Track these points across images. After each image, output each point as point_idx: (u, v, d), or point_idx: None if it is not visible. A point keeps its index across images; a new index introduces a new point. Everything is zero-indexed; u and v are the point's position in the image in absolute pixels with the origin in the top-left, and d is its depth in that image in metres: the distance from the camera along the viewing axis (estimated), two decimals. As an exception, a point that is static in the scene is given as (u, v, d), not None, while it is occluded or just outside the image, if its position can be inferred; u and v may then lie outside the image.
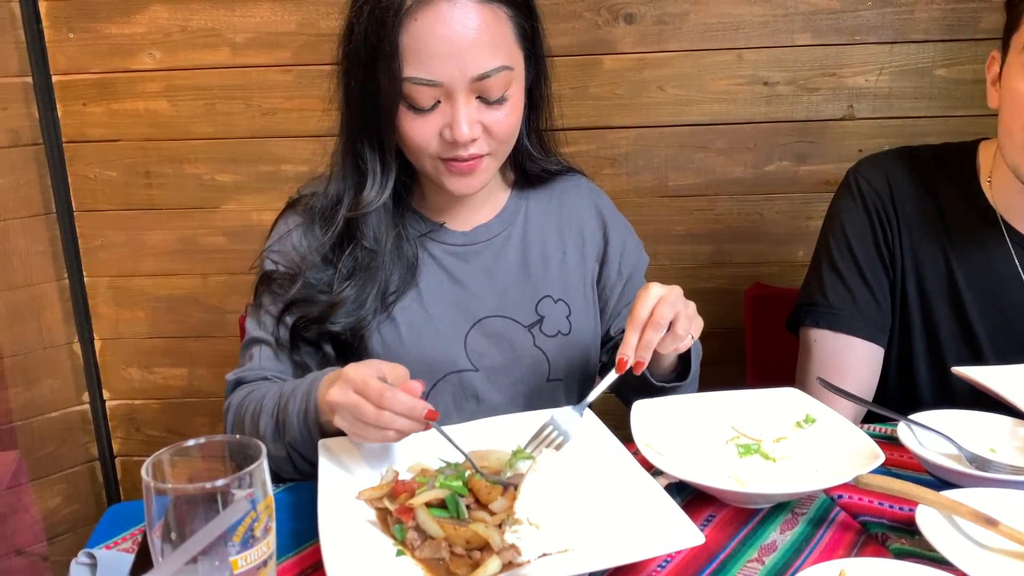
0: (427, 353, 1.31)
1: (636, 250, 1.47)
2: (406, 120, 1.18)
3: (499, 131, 1.21)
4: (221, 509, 0.73)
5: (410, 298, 1.32)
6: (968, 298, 1.38)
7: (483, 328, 1.34)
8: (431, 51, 1.13)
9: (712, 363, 2.15)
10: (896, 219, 1.41)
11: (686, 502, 1.04)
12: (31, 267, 2.19)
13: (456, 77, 1.14)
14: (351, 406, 1.00)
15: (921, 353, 1.42)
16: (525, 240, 1.39)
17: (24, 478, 2.05)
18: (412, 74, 1.14)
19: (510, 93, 1.20)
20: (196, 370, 2.33)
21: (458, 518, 0.95)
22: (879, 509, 1.02)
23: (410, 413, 0.99)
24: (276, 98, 2.11)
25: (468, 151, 1.19)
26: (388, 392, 0.98)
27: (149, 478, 0.73)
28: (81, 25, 2.10)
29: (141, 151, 2.17)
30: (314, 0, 2.02)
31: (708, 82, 2.04)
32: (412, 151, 1.23)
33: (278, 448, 1.15)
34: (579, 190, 1.46)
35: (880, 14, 1.97)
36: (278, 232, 1.35)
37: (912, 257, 1.40)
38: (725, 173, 2.10)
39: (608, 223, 1.45)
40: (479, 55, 1.14)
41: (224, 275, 2.25)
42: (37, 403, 2.24)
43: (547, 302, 1.37)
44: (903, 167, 1.44)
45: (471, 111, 1.17)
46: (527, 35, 1.23)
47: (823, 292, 1.45)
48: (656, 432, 1.12)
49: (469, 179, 1.24)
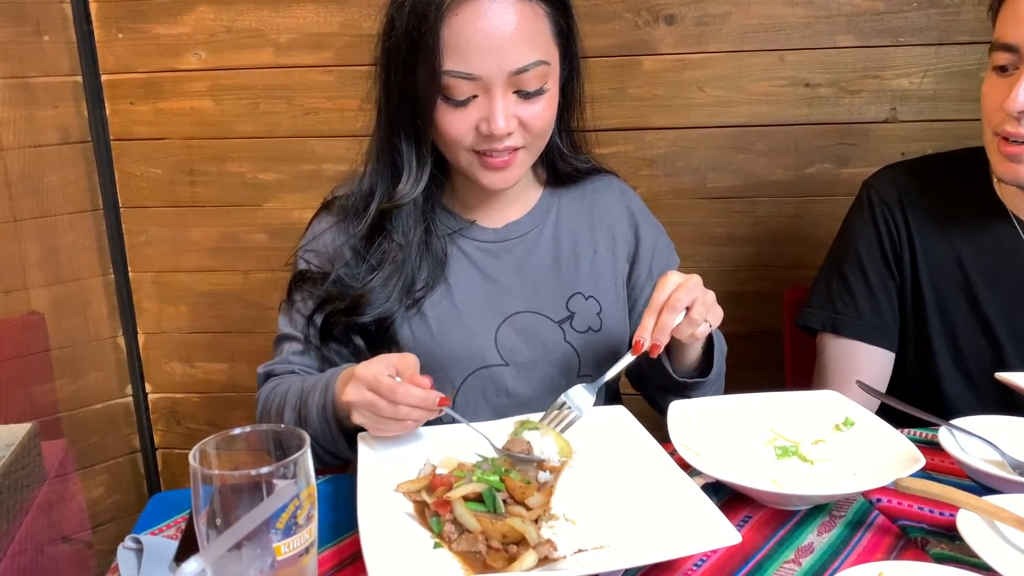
0: (457, 348, 1.32)
1: (667, 251, 1.47)
2: (443, 113, 1.20)
3: (534, 125, 1.22)
4: (265, 497, 0.74)
5: (440, 293, 1.34)
6: (982, 291, 1.39)
7: (514, 323, 1.35)
8: (471, 45, 1.14)
9: (750, 366, 2.14)
10: (906, 225, 1.44)
11: (723, 502, 1.04)
12: (78, 262, 2.24)
13: (494, 71, 1.16)
14: (367, 404, 1.05)
15: (942, 353, 1.43)
16: (556, 237, 1.40)
17: (71, 467, 2.09)
18: (452, 67, 1.15)
19: (546, 88, 1.22)
20: (236, 365, 2.36)
21: (495, 512, 0.95)
22: (919, 513, 1.01)
23: (423, 403, 1.05)
24: (318, 98, 2.14)
25: (503, 144, 1.21)
26: (400, 388, 1.03)
27: (196, 464, 0.75)
28: (130, 25, 2.14)
29: (186, 149, 2.22)
30: (356, 2, 2.05)
31: (748, 84, 2.03)
32: (448, 144, 1.24)
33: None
34: (611, 191, 1.46)
35: (925, 15, 1.94)
36: (312, 232, 1.38)
37: (925, 258, 1.42)
38: (765, 175, 2.08)
39: (640, 223, 1.45)
40: (517, 50, 1.16)
41: (265, 272, 2.28)
42: (82, 395, 2.29)
43: (578, 299, 1.38)
44: (913, 173, 1.47)
45: (508, 105, 1.19)
46: (563, 32, 1.24)
47: (829, 297, 1.50)
48: (693, 433, 1.12)
49: (503, 174, 1.25)
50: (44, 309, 2.18)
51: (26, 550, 1.44)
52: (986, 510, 0.91)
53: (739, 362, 2.15)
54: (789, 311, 1.91)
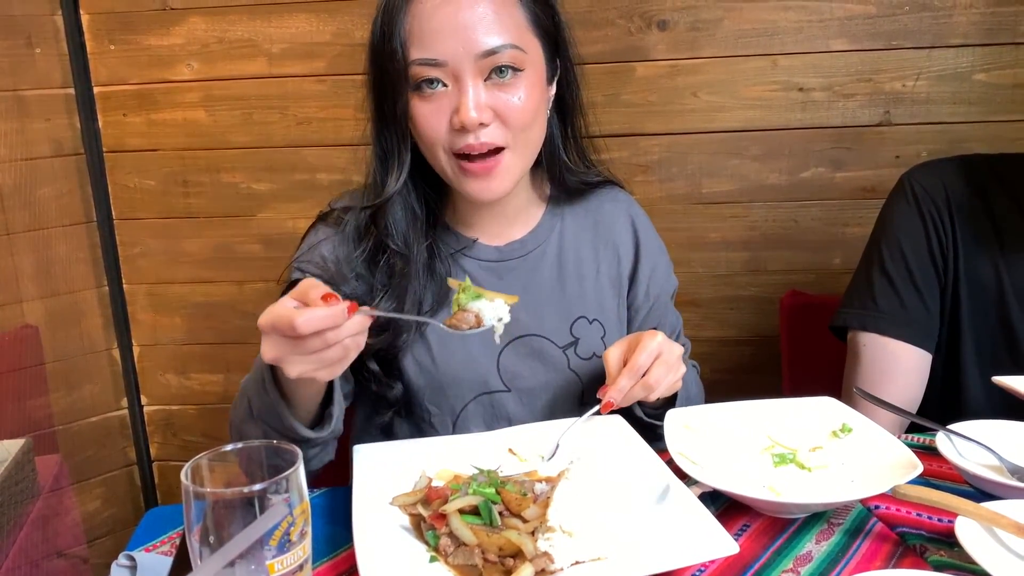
0: (459, 373, 1.30)
1: (666, 273, 1.45)
2: (417, 108, 1.17)
3: (512, 117, 1.17)
4: (258, 513, 0.74)
5: (442, 317, 1.29)
6: (1015, 310, 1.36)
7: (517, 348, 1.32)
8: (434, 29, 1.12)
9: (747, 371, 2.16)
10: (952, 225, 1.39)
11: (720, 511, 1.03)
12: (72, 274, 2.23)
13: (460, 54, 1.13)
14: (285, 353, 0.93)
15: (970, 362, 1.40)
16: (560, 256, 1.37)
17: (65, 481, 2.08)
18: (417, 55, 1.13)
19: (523, 75, 1.17)
20: (232, 376, 2.36)
21: (491, 525, 0.95)
22: (917, 520, 1.00)
23: (333, 321, 0.91)
24: (311, 107, 2.14)
25: (479, 139, 1.16)
26: (298, 317, 0.88)
27: (188, 482, 0.75)
28: (122, 37, 2.14)
29: (179, 160, 2.21)
30: (348, 11, 2.05)
31: (742, 88, 2.03)
32: (425, 142, 1.20)
33: (253, 427, 1.10)
34: (616, 204, 1.43)
35: (918, 19, 1.94)
36: (308, 243, 1.33)
37: (966, 264, 1.38)
38: (760, 180, 2.08)
39: (641, 241, 1.42)
40: (484, 30, 1.13)
41: (260, 282, 2.28)
42: (77, 407, 2.28)
43: (582, 323, 1.35)
44: (959, 175, 1.42)
45: (479, 93, 1.15)
46: (542, 23, 1.21)
47: (872, 296, 1.43)
48: (690, 441, 1.12)
49: (488, 182, 1.20)
50: (38, 322, 2.17)
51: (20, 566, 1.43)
52: (984, 516, 0.91)
53: (735, 367, 2.17)
54: (786, 316, 1.91)
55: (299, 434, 1.07)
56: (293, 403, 1.07)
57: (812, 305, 1.87)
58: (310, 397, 1.08)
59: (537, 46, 1.20)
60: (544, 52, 1.22)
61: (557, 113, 1.32)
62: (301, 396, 1.07)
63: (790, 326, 1.91)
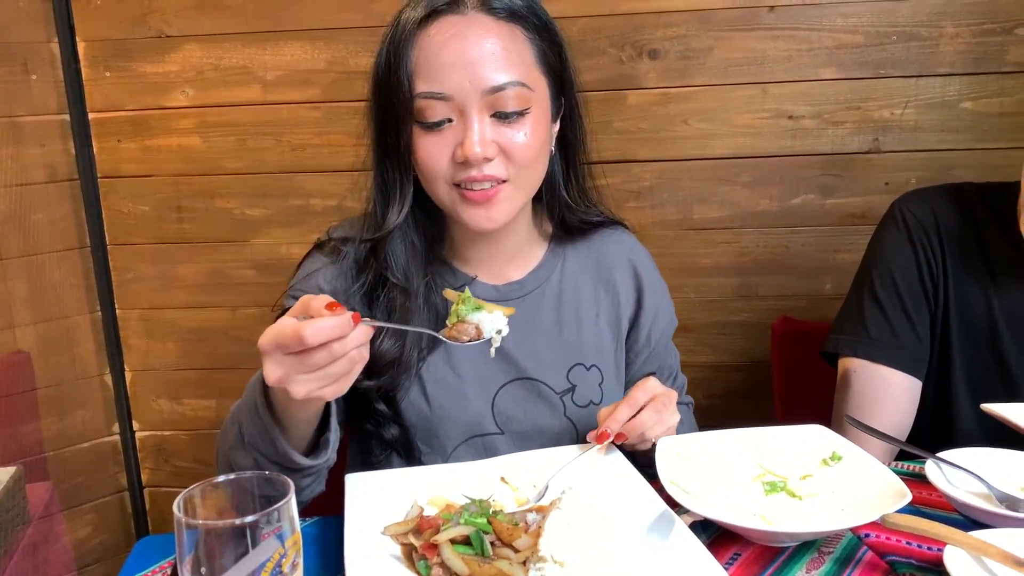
0: (453, 414, 1.28)
1: (668, 317, 1.43)
2: (419, 140, 1.16)
3: (518, 155, 1.16)
4: (250, 543, 0.74)
5: (438, 356, 1.28)
6: (1007, 339, 1.37)
7: (512, 390, 1.31)
8: (441, 62, 1.12)
9: (739, 397, 2.17)
10: (942, 253, 1.40)
11: (711, 540, 1.04)
12: (65, 299, 2.23)
13: (467, 89, 1.12)
14: (290, 371, 0.91)
15: (960, 389, 1.41)
16: (560, 298, 1.35)
17: (55, 508, 2.07)
18: (423, 88, 1.13)
19: (529, 113, 1.16)
20: (224, 401, 2.35)
21: (483, 555, 0.95)
22: (907, 549, 1.01)
23: (341, 331, 0.89)
24: (306, 134, 2.15)
25: (482, 172, 1.14)
26: (305, 329, 0.87)
27: (180, 513, 0.75)
28: (117, 64, 2.15)
29: (173, 186, 2.22)
30: (343, 39, 2.07)
31: (732, 116, 2.05)
32: (427, 176, 1.19)
33: (244, 456, 1.07)
34: (620, 246, 1.41)
35: (905, 48, 1.97)
36: (303, 271, 1.31)
37: (956, 292, 1.39)
38: (750, 206, 2.10)
39: (644, 286, 1.39)
40: (492, 67, 1.12)
41: (253, 307, 2.28)
42: (68, 434, 2.27)
43: (579, 370, 1.33)
44: (949, 202, 1.43)
45: (484, 128, 1.14)
46: (549, 61, 1.21)
47: (863, 322, 1.43)
48: (681, 469, 1.12)
49: (487, 210, 1.18)
50: (30, 348, 2.17)
51: (10, 594, 1.42)
52: (973, 545, 0.91)
53: (727, 392, 2.18)
54: (778, 341, 1.92)
55: (294, 462, 1.04)
56: (287, 429, 1.04)
57: (804, 331, 1.88)
58: (306, 422, 1.05)
59: (544, 83, 1.20)
60: (550, 89, 1.22)
61: (559, 151, 1.31)
62: (297, 420, 1.03)
63: (782, 352, 1.91)
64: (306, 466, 1.06)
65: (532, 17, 1.19)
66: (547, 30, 1.21)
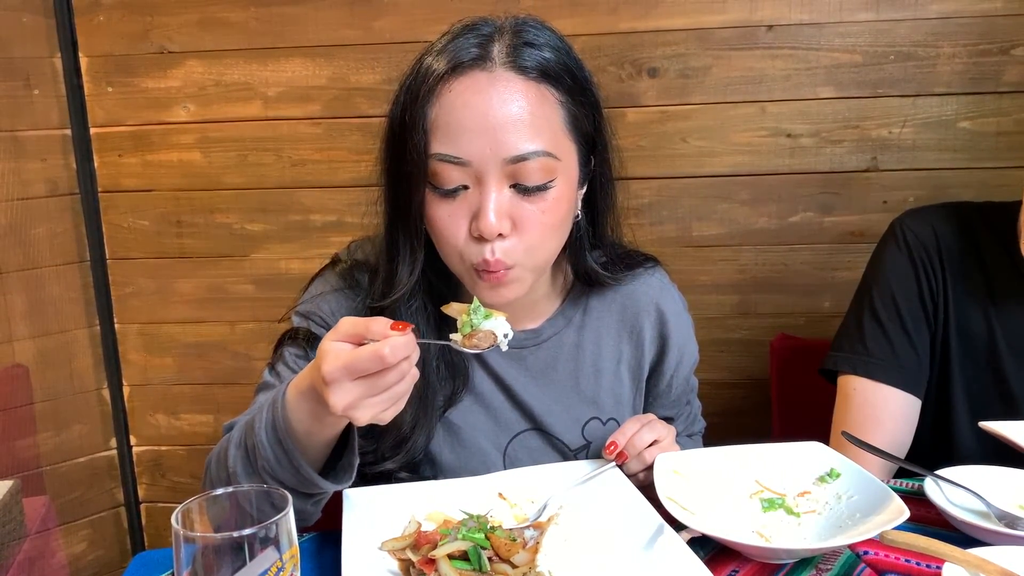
0: (463, 462, 1.25)
1: (690, 360, 1.38)
2: (432, 205, 1.07)
3: (531, 232, 1.06)
4: (247, 557, 0.74)
5: (457, 407, 1.25)
6: (1007, 359, 1.37)
7: (525, 441, 1.27)
8: (461, 124, 1.02)
9: (737, 414, 2.16)
10: (942, 271, 1.40)
11: (709, 557, 1.03)
12: (64, 314, 2.23)
13: (487, 156, 1.02)
14: (360, 397, 0.90)
15: (960, 408, 1.41)
16: (579, 347, 1.29)
17: (52, 523, 2.07)
18: (439, 150, 1.04)
19: (553, 187, 1.06)
20: (222, 417, 2.35)
21: (480, 570, 0.94)
22: (905, 566, 1.00)
23: (413, 349, 0.90)
24: (306, 150, 2.15)
25: (495, 255, 1.06)
26: (384, 349, 0.86)
27: (178, 526, 0.75)
28: (119, 80, 2.16)
29: (173, 201, 2.23)
30: (344, 56, 2.08)
31: (731, 134, 2.06)
32: (441, 245, 1.11)
33: (251, 480, 1.05)
34: (647, 289, 1.32)
35: (903, 68, 1.99)
36: (313, 291, 1.25)
37: (956, 311, 1.39)
38: (749, 224, 2.11)
39: (669, 332, 1.32)
40: (516, 134, 1.02)
41: (252, 323, 2.28)
42: (65, 448, 2.27)
43: (595, 425, 1.29)
44: (949, 221, 1.43)
45: (502, 201, 1.04)
46: (580, 126, 1.10)
47: (862, 340, 1.43)
48: (679, 486, 1.12)
49: (502, 289, 1.10)
50: (28, 361, 2.17)
51: (5, 610, 1.41)
52: (971, 563, 0.91)
53: (725, 409, 2.17)
54: (776, 359, 1.92)
55: (317, 487, 1.02)
56: (305, 454, 1.01)
57: (802, 349, 1.88)
58: (327, 445, 1.03)
59: (572, 151, 1.10)
60: (579, 156, 1.12)
61: (586, 215, 1.20)
62: (320, 444, 1.01)
63: (780, 369, 1.91)
64: (329, 491, 1.05)
65: (565, 76, 1.08)
66: (582, 91, 1.10)
